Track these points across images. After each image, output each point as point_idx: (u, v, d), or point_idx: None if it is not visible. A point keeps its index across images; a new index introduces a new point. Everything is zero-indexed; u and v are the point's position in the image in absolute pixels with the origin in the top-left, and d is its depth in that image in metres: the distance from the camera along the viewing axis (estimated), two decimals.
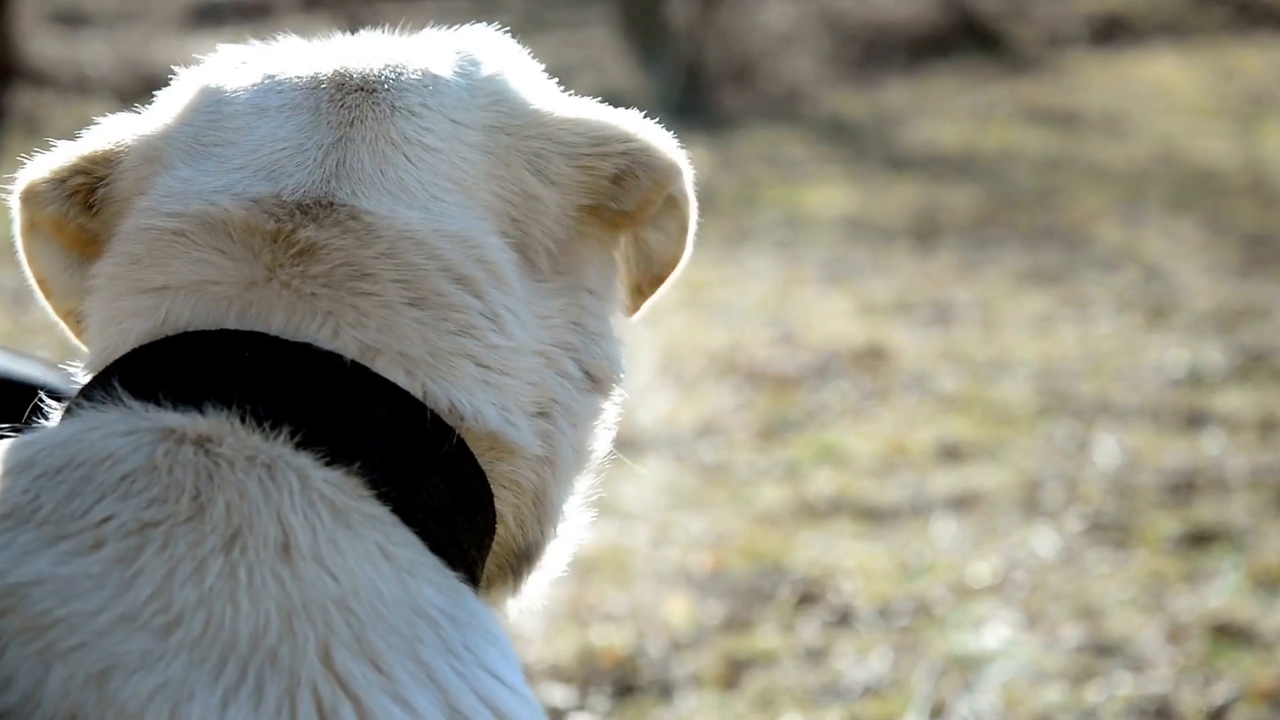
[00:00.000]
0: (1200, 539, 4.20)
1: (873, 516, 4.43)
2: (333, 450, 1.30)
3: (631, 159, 1.47)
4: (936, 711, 3.43)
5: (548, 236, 1.44)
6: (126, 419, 1.29)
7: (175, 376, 1.32)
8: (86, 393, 1.37)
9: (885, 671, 3.60)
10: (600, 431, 1.52)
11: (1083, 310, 6.39)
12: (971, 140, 10.03)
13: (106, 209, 1.46)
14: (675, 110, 10.27)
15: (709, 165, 9.46)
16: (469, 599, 1.31)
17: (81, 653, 1.15)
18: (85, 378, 1.41)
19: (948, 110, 10.97)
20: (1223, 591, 3.90)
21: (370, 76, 1.45)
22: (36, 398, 1.43)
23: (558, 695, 3.55)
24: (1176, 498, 4.48)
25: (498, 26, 1.56)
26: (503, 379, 1.39)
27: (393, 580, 1.25)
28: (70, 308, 1.51)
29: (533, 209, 1.44)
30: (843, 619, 3.86)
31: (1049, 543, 4.24)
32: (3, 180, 1.51)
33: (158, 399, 1.31)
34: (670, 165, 1.48)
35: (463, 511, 1.37)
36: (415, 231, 1.38)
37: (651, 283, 1.56)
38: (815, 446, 4.97)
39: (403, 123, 1.42)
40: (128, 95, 10.94)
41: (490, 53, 1.52)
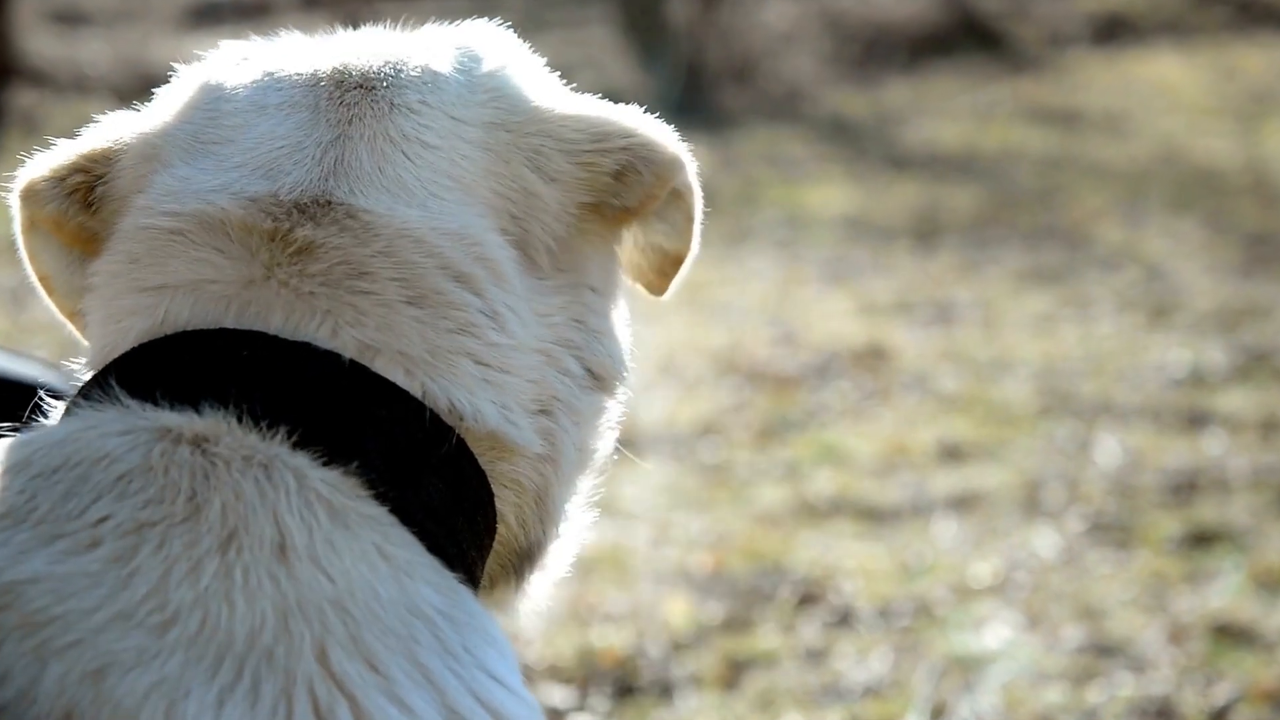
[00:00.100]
0: (1202, 539, 4.19)
1: (873, 517, 4.43)
2: (330, 450, 1.29)
3: (633, 154, 1.45)
4: (937, 712, 3.42)
5: (548, 234, 1.43)
6: (123, 418, 1.29)
7: (172, 376, 1.32)
8: (85, 392, 1.36)
9: (886, 672, 3.59)
10: (604, 429, 1.51)
11: (1084, 310, 6.38)
12: (972, 140, 10.02)
13: (106, 207, 1.45)
14: (675, 109, 10.24)
15: (709, 164, 9.42)
16: (467, 599, 1.30)
17: (77, 650, 1.15)
18: (86, 376, 1.40)
19: (949, 109, 10.96)
20: (1224, 592, 3.90)
21: (369, 73, 1.44)
22: (35, 397, 1.42)
23: (558, 696, 3.54)
24: (1178, 498, 4.48)
25: (498, 23, 1.55)
26: (503, 377, 1.38)
27: (390, 581, 1.25)
28: (73, 305, 1.51)
29: (533, 206, 1.43)
30: (843, 619, 3.85)
31: (1050, 543, 4.23)
32: (2, 179, 1.51)
33: (155, 398, 1.30)
34: (672, 159, 1.47)
35: (462, 511, 1.36)
36: (414, 229, 1.38)
37: (673, 264, 1.56)
38: (816, 446, 4.96)
39: (401, 120, 1.41)
40: (127, 94, 10.92)
41: (491, 48, 1.50)
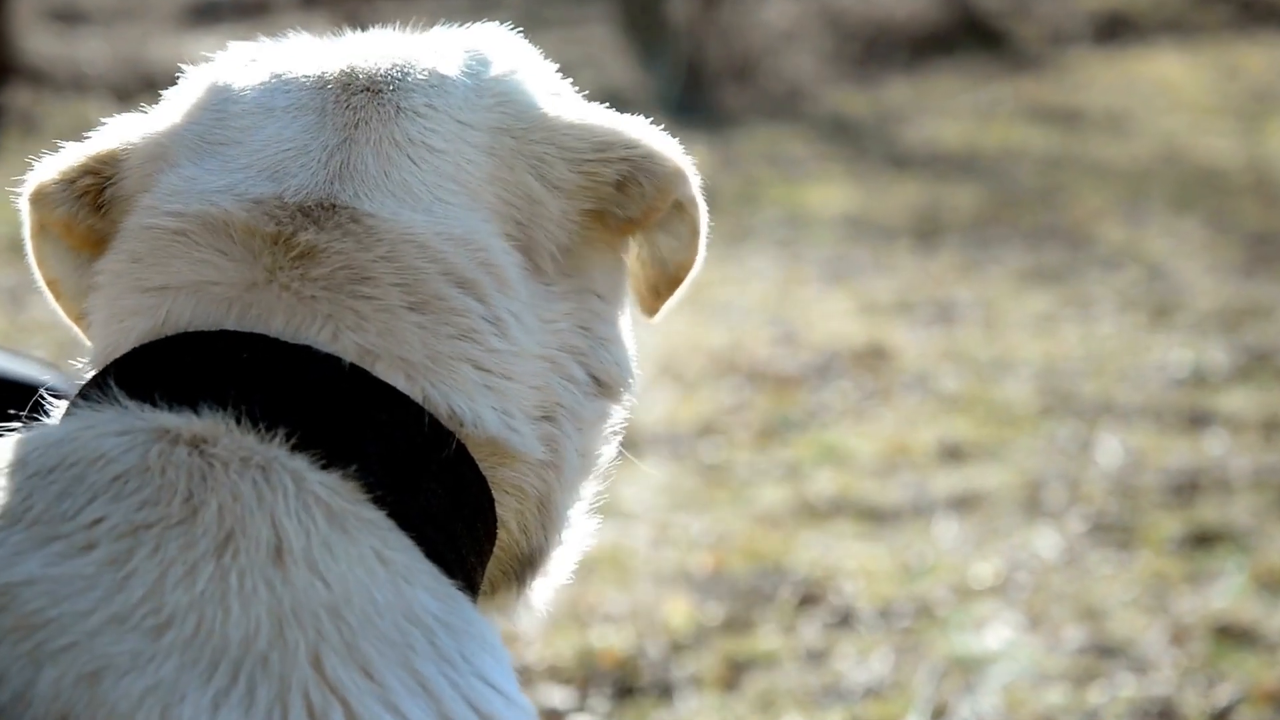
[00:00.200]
0: (1203, 540, 4.18)
1: (874, 517, 4.42)
2: (330, 453, 1.29)
3: (634, 165, 1.45)
4: (938, 713, 3.42)
5: (552, 240, 1.43)
6: (120, 419, 1.29)
7: (172, 377, 1.31)
8: (84, 392, 1.36)
9: (886, 673, 3.59)
10: (607, 435, 1.51)
11: (1085, 310, 6.37)
12: (974, 139, 10.01)
13: (115, 209, 1.45)
14: (676, 108, 10.26)
15: (710, 164, 9.44)
16: (465, 606, 1.30)
17: (73, 653, 1.15)
18: (88, 376, 1.40)
19: (950, 108, 10.95)
20: (1226, 593, 3.89)
21: (376, 76, 1.44)
22: (33, 397, 1.42)
23: (557, 696, 3.54)
24: (1179, 498, 4.47)
25: (498, 23, 1.55)
26: (504, 383, 1.38)
27: (387, 586, 1.24)
28: (81, 309, 1.50)
29: (536, 213, 1.42)
30: (844, 620, 3.84)
31: (1051, 543, 4.22)
32: (0, 179, 1.50)
33: (153, 399, 1.30)
34: (674, 172, 1.47)
35: (462, 517, 1.36)
36: (417, 234, 1.37)
37: (668, 284, 1.54)
38: (816, 446, 4.95)
39: (407, 124, 1.41)
40: (125, 93, 10.95)
41: (500, 52, 1.50)
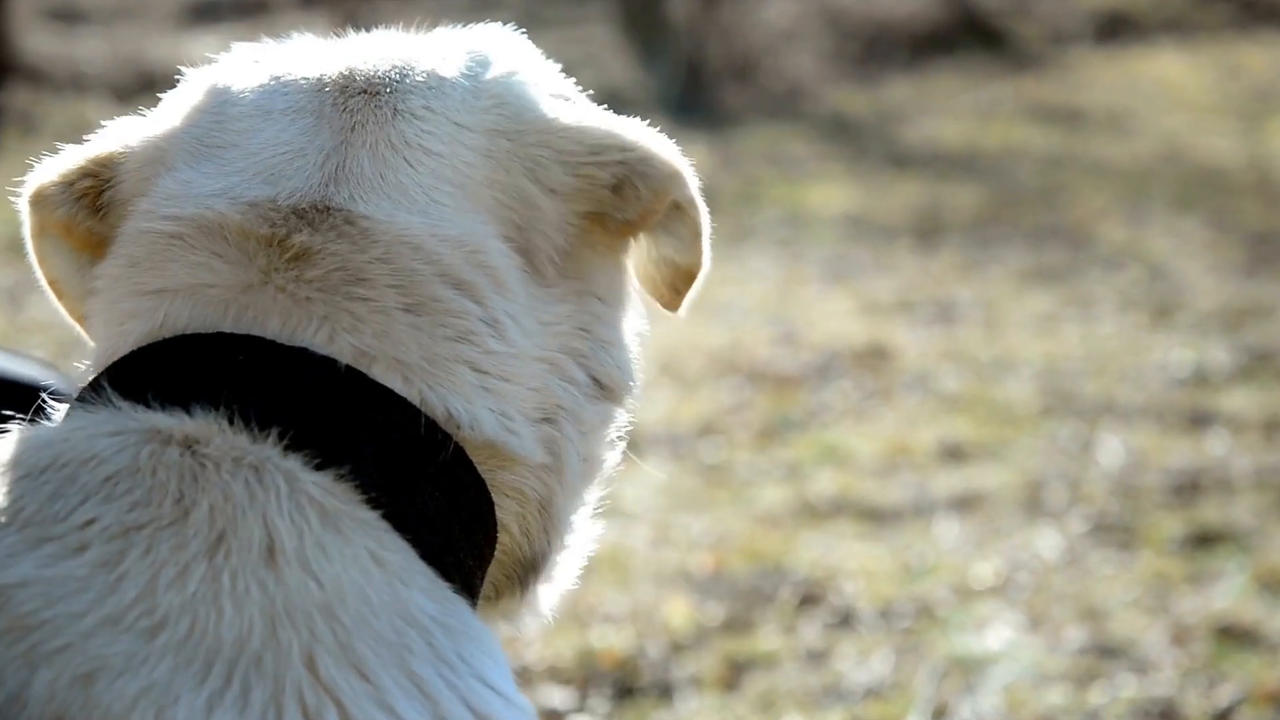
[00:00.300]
0: (1205, 540, 4.17)
1: (874, 517, 4.41)
2: (324, 454, 1.29)
3: (629, 168, 1.44)
4: (939, 713, 3.41)
5: (550, 243, 1.42)
6: (113, 420, 1.29)
7: (167, 378, 1.31)
8: (81, 395, 1.36)
9: (887, 673, 3.58)
10: (610, 439, 1.50)
11: (1086, 309, 6.36)
12: (974, 138, 10.01)
13: (114, 211, 1.45)
14: (676, 108, 10.25)
15: (710, 163, 9.43)
16: (462, 608, 1.29)
17: (67, 654, 1.15)
18: (88, 379, 1.40)
19: (950, 108, 10.95)
20: (1228, 593, 3.88)
21: (374, 78, 1.43)
22: (31, 397, 1.42)
23: (557, 697, 3.53)
24: (1181, 498, 4.46)
25: (498, 23, 1.54)
26: (502, 385, 1.37)
27: (383, 587, 1.24)
28: (83, 309, 1.51)
29: (533, 216, 1.42)
30: (844, 620, 3.83)
31: (1052, 544, 4.21)
32: None
33: (146, 400, 1.30)
34: (670, 174, 1.45)
35: (459, 520, 1.35)
36: (413, 236, 1.37)
37: (684, 281, 1.52)
38: (817, 446, 4.94)
39: (404, 126, 1.41)
40: (124, 93, 10.95)
41: (501, 54, 1.49)
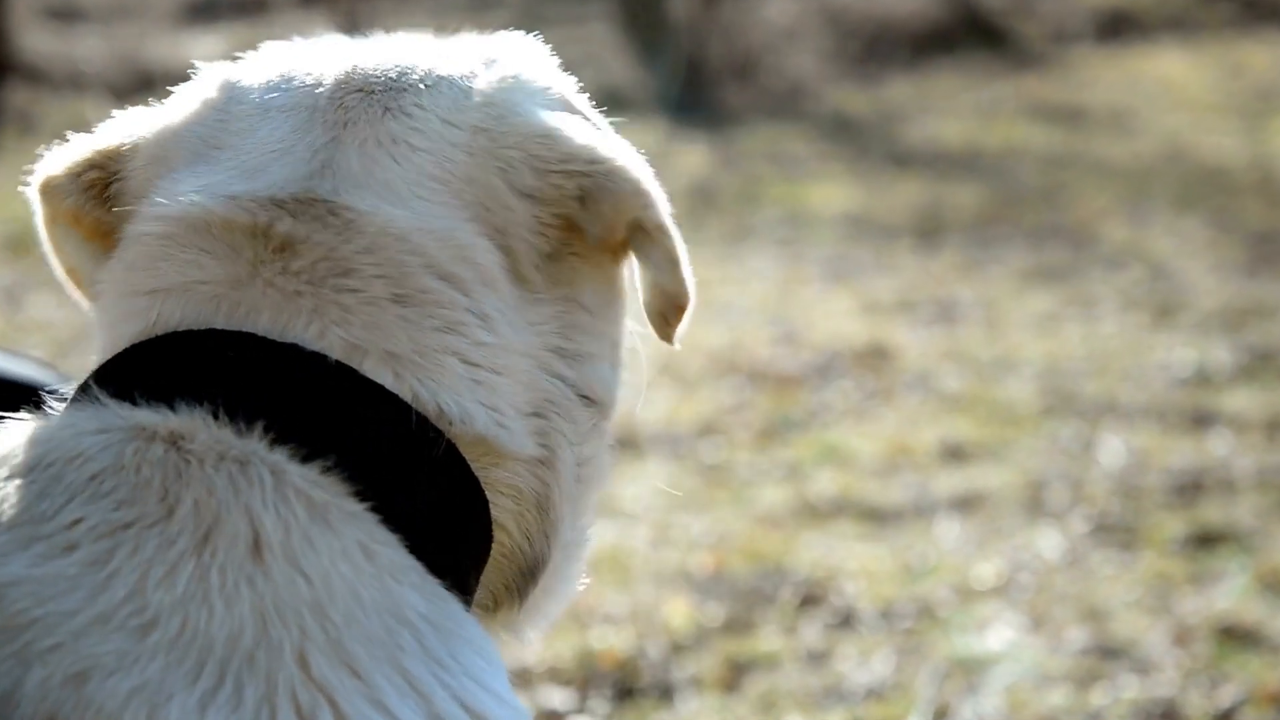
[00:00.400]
0: (1207, 540, 4.16)
1: (875, 517, 4.40)
2: (311, 449, 1.28)
3: (593, 181, 1.40)
4: (940, 714, 3.40)
5: (531, 247, 1.40)
6: (99, 417, 1.28)
7: (155, 376, 1.31)
8: (74, 395, 1.36)
9: (888, 674, 3.57)
10: (604, 445, 1.48)
11: (1088, 309, 6.35)
12: (975, 137, 9.99)
13: (121, 203, 1.45)
14: (676, 107, 10.25)
15: (710, 162, 9.42)
16: (454, 607, 1.28)
17: (59, 653, 1.14)
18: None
19: (952, 107, 10.93)
20: (1230, 593, 3.87)
21: (372, 78, 1.43)
22: (28, 397, 1.41)
23: (557, 698, 3.52)
24: (1183, 498, 4.45)
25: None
26: (493, 378, 1.36)
27: (373, 583, 1.23)
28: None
29: (508, 217, 1.40)
30: (845, 621, 3.82)
31: (1054, 544, 4.20)
32: None
33: (134, 398, 1.30)
34: (631, 192, 1.40)
35: (452, 517, 1.33)
36: (398, 228, 1.36)
37: (673, 312, 1.45)
38: (817, 447, 4.93)
39: (393, 123, 1.40)
40: (123, 92, 10.94)
41: (508, 59, 1.48)
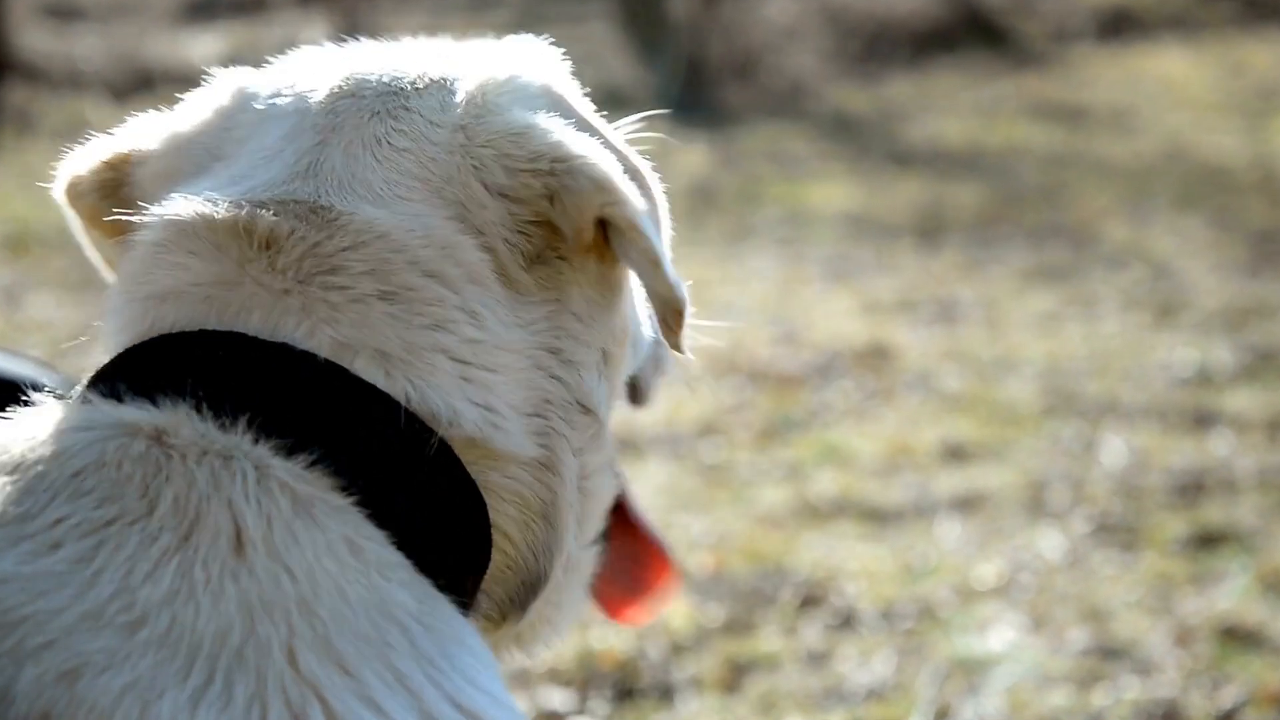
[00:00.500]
0: (1208, 540, 4.15)
1: (876, 518, 4.39)
2: (297, 444, 1.27)
3: (557, 179, 1.38)
4: (941, 715, 3.39)
5: (512, 249, 1.39)
6: (83, 415, 1.28)
7: (143, 375, 1.31)
8: (64, 397, 1.37)
9: (889, 675, 3.56)
10: (606, 457, 1.46)
11: (1089, 309, 6.34)
12: (977, 136, 9.98)
13: (130, 209, 1.46)
14: (676, 106, 10.22)
15: (710, 161, 9.41)
16: (444, 606, 1.27)
17: (51, 651, 1.14)
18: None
19: (952, 106, 10.92)
20: (1231, 594, 3.86)
21: (365, 83, 1.43)
22: (25, 396, 1.41)
23: (557, 698, 3.51)
24: (1184, 499, 4.44)
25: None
26: (485, 375, 1.35)
27: (360, 579, 1.22)
28: None
29: (485, 217, 1.38)
30: (846, 621, 3.81)
31: (1055, 544, 4.19)
32: None
33: (120, 396, 1.30)
34: (594, 188, 1.37)
35: (444, 517, 1.32)
36: (380, 227, 1.35)
37: (672, 316, 1.42)
38: (818, 447, 4.92)
39: (378, 125, 1.40)
40: (121, 91, 10.94)
41: (510, 62, 1.47)
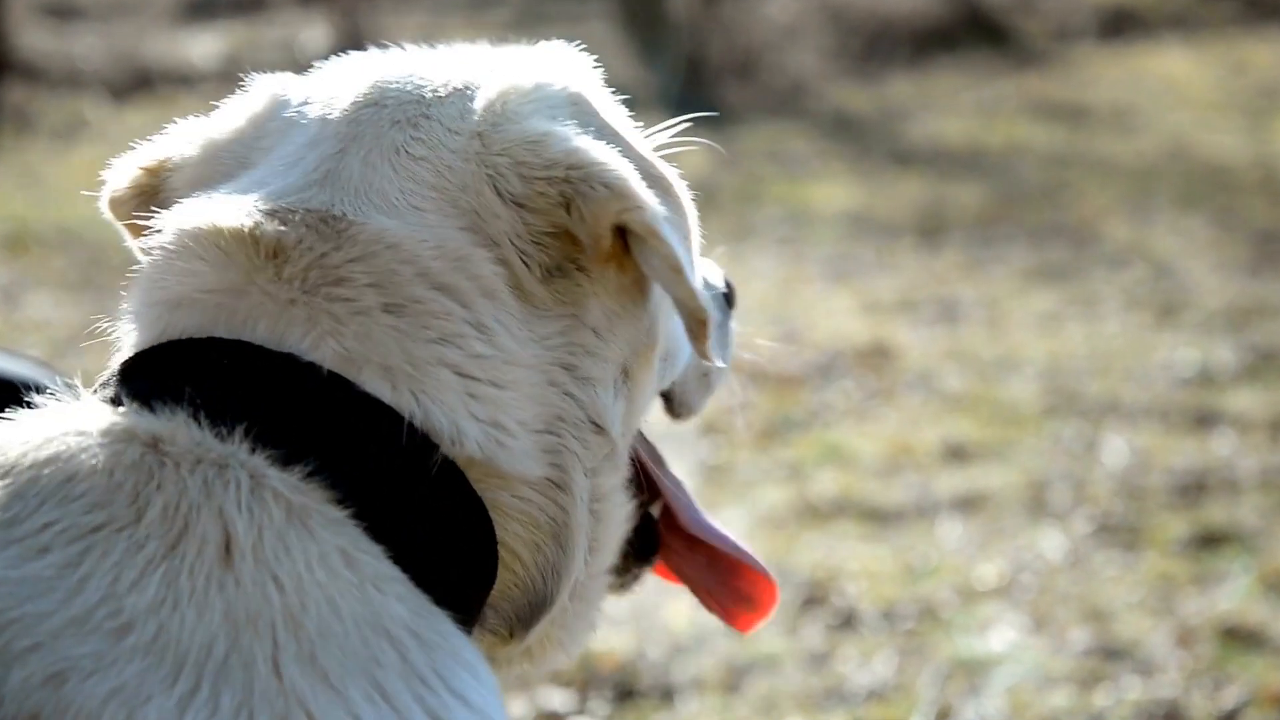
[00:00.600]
0: (1210, 541, 4.15)
1: (877, 518, 4.38)
2: (295, 455, 1.26)
3: (573, 186, 1.36)
4: (942, 716, 3.38)
5: (527, 259, 1.37)
6: (81, 420, 1.28)
7: (146, 381, 1.30)
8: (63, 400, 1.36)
9: (890, 675, 3.55)
10: (618, 479, 1.43)
11: (1091, 308, 6.33)
12: (978, 135, 9.97)
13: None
14: (677, 105, 10.21)
15: (711, 161, 9.40)
16: (441, 620, 1.26)
17: (38, 654, 1.14)
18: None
19: (953, 105, 10.91)
20: (1233, 594, 3.85)
21: (388, 91, 1.42)
22: (24, 396, 1.40)
23: (557, 699, 3.51)
24: (1186, 499, 4.43)
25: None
26: (492, 391, 1.33)
27: (353, 591, 1.21)
28: None
29: (499, 227, 1.37)
30: (846, 622, 3.81)
31: (1056, 544, 4.19)
32: None
33: (122, 402, 1.29)
34: (610, 195, 1.35)
35: (446, 534, 1.30)
36: (391, 237, 1.34)
37: (696, 325, 1.38)
38: (819, 447, 4.91)
39: (397, 133, 1.39)
40: (120, 90, 10.94)
41: (539, 69, 1.45)
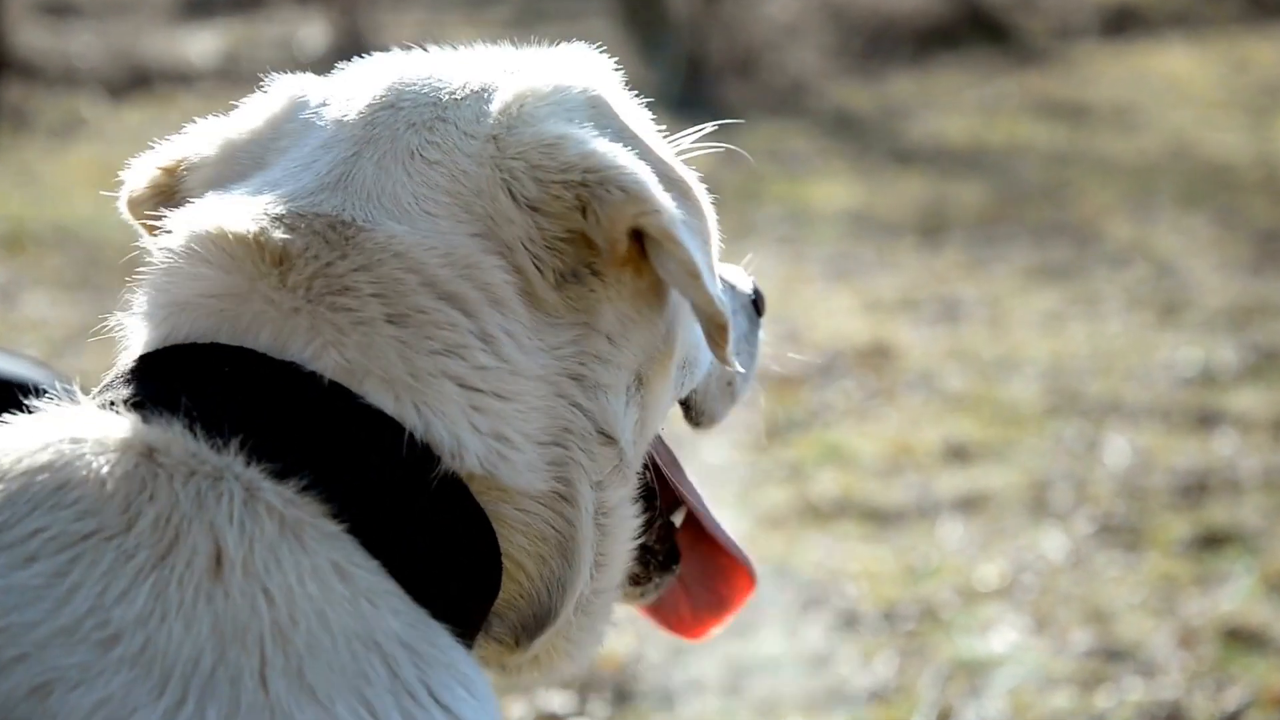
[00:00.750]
0: (1212, 541, 4.14)
1: (878, 518, 4.37)
2: (291, 468, 1.24)
3: (590, 190, 1.34)
4: (943, 717, 3.38)
5: (546, 267, 1.35)
6: (78, 426, 1.26)
7: (146, 388, 1.29)
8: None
9: (891, 676, 3.55)
10: (626, 492, 1.41)
11: (1092, 308, 6.32)
12: (979, 134, 9.96)
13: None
14: (677, 103, 10.20)
15: (711, 160, 9.38)
16: (437, 633, 1.24)
17: (24, 665, 1.13)
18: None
19: (955, 103, 10.90)
20: (1235, 595, 3.84)
21: (405, 93, 1.40)
22: (22, 396, 1.39)
23: (556, 701, 3.50)
24: (1188, 499, 4.42)
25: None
26: (496, 403, 1.31)
27: (345, 605, 1.20)
28: None
29: (512, 233, 1.35)
30: (847, 622, 3.80)
31: (1058, 545, 4.18)
32: None
33: (121, 408, 1.28)
34: (627, 198, 1.34)
35: (447, 548, 1.29)
36: (398, 244, 1.32)
37: (716, 330, 1.37)
38: (819, 447, 4.90)
39: (413, 137, 1.37)
40: (117, 88, 10.93)
41: (558, 71, 1.43)
